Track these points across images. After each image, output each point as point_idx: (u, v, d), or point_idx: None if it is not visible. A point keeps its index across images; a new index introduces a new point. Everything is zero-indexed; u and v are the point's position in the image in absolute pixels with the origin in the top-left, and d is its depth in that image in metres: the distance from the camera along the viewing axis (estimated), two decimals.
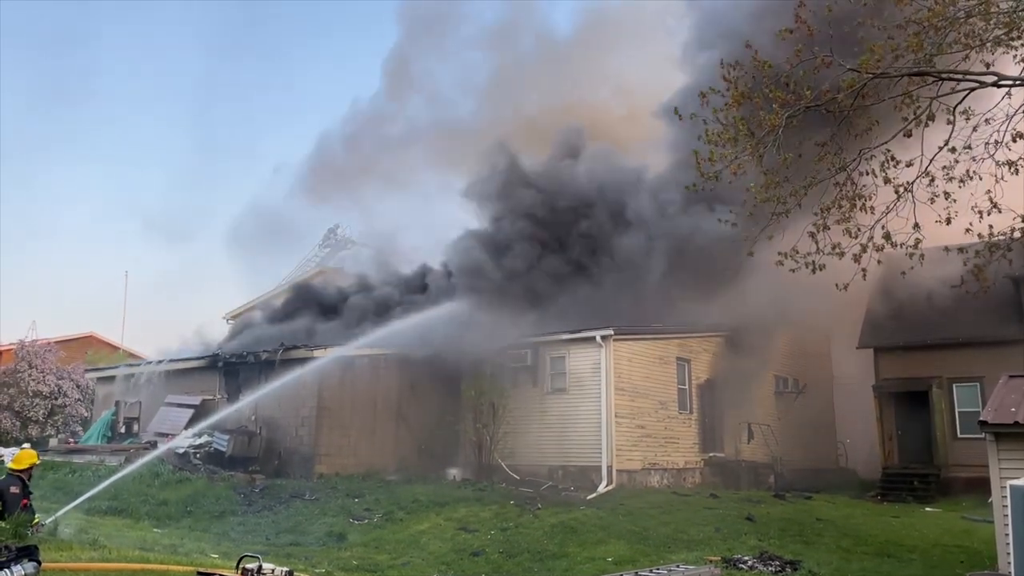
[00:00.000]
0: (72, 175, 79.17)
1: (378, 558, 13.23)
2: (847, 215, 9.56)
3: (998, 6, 9.03)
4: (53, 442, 24.12)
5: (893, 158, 9.51)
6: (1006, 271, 9.56)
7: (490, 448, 20.19)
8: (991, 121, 9.21)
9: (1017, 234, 9.04)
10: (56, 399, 27.10)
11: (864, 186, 9.63)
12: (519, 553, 13.42)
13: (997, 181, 9.28)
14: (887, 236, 9.44)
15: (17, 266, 65.66)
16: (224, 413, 19.82)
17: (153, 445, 20.19)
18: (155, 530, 14.37)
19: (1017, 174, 9.17)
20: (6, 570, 7.27)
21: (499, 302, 20.77)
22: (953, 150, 9.28)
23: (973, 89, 9.25)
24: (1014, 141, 9.04)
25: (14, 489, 9.78)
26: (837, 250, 9.61)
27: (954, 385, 23.23)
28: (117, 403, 24.27)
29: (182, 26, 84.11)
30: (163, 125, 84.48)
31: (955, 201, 9.36)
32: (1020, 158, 9.12)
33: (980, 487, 15.44)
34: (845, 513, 17.77)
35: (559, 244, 23.25)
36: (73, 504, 13.42)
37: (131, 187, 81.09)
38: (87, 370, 27.82)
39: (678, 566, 9.73)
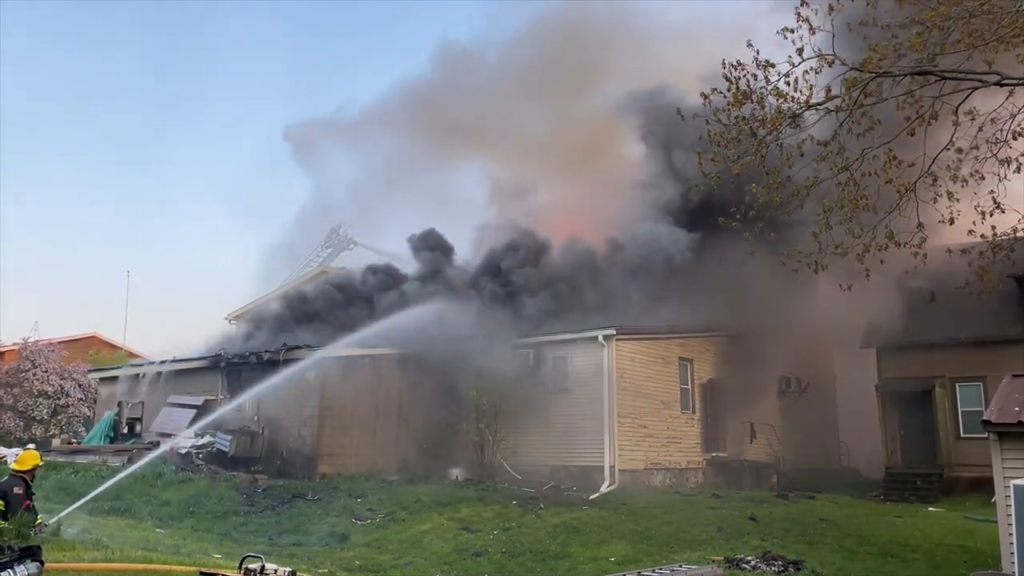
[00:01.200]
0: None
1: (381, 558, 13.24)
2: (849, 215, 9.54)
3: (1001, 6, 9.01)
4: (56, 442, 24.17)
5: (895, 158, 9.49)
6: (1009, 270, 9.50)
7: (492, 448, 20.18)
8: (995, 120, 9.19)
9: (1020, 234, 9.01)
10: (59, 399, 27.16)
11: (866, 186, 9.60)
12: (521, 553, 13.42)
13: (1000, 180, 9.26)
14: (890, 236, 9.42)
15: (17, 266, 65.84)
16: (219, 412, 19.79)
17: (156, 445, 20.22)
18: (158, 530, 14.39)
19: (1019, 171, 9.14)
20: (9, 571, 7.27)
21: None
22: (960, 151, 9.26)
23: (976, 88, 9.22)
24: (1014, 139, 9.01)
25: (17, 490, 9.79)
26: (840, 250, 9.60)
27: (957, 384, 23.18)
28: (120, 403, 24.29)
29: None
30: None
31: (958, 201, 9.35)
32: (1021, 155, 9.10)
33: (983, 487, 15.42)
34: (848, 513, 17.74)
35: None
36: (76, 505, 13.44)
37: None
38: (90, 370, 27.88)
39: (681, 566, 9.73)
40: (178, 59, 79.71)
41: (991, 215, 9.22)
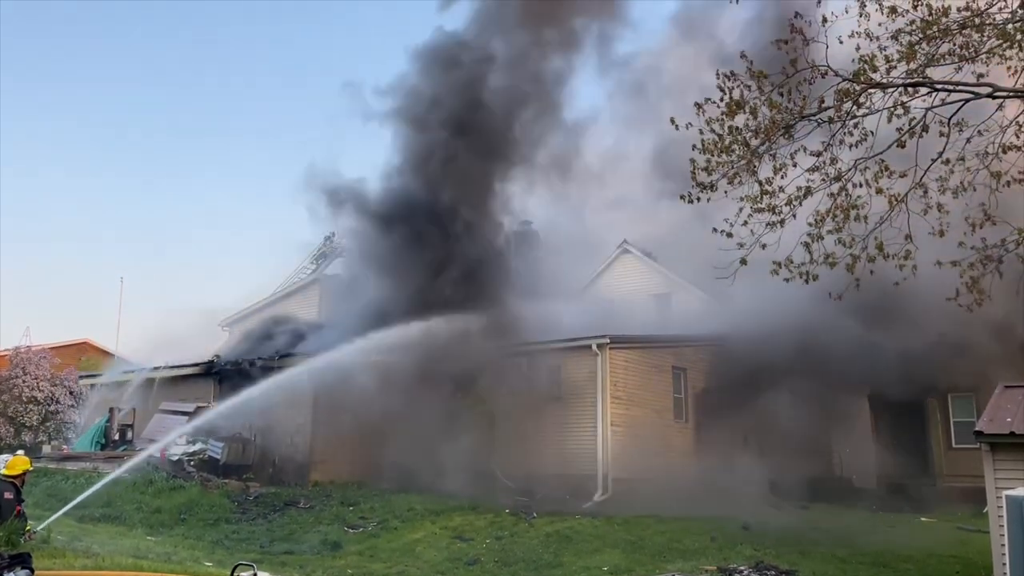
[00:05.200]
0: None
1: (373, 567, 13.20)
2: (841, 225, 9.60)
3: (993, 18, 9.09)
4: (46, 448, 24.04)
5: (887, 168, 9.55)
6: (998, 282, 9.59)
7: (485, 456, 20.13)
8: (982, 133, 9.27)
9: (1011, 246, 9.06)
10: (50, 405, 27.01)
11: (859, 196, 9.67)
12: (514, 562, 13.39)
13: (992, 192, 9.32)
14: (880, 247, 9.47)
15: (12, 270, 65.59)
16: (203, 418, 19.55)
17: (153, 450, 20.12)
18: (149, 538, 14.32)
19: (1008, 186, 9.21)
20: None
21: None
22: (947, 161, 9.34)
23: (967, 100, 9.29)
24: (1004, 152, 9.09)
25: (8, 495, 9.73)
26: (831, 260, 9.64)
27: (949, 395, 23.22)
28: (111, 410, 24.17)
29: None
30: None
31: (948, 213, 9.41)
32: (1008, 170, 9.18)
33: (976, 497, 15.45)
34: (841, 523, 17.75)
35: None
36: (63, 510, 13.35)
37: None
38: (81, 376, 27.75)
39: (674, 575, 9.72)
40: (180, 62, 79.73)
41: (981, 226, 9.28)
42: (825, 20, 9.35)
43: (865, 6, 9.39)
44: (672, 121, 9.83)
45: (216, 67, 79.27)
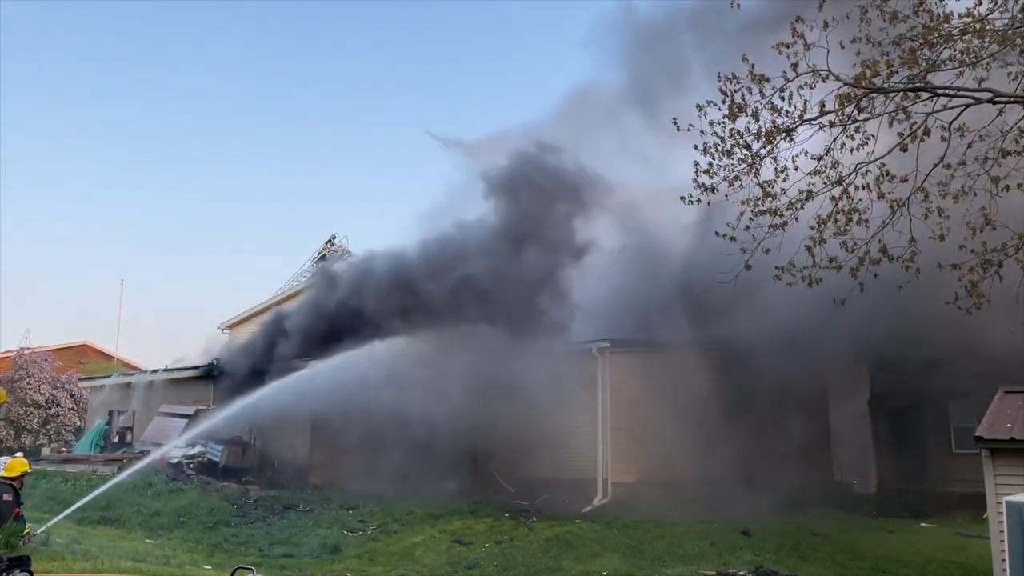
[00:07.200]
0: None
1: (372, 571, 13.18)
2: (843, 229, 9.60)
3: (993, 24, 9.11)
4: (46, 451, 24.06)
5: (888, 173, 9.56)
6: (998, 287, 9.59)
7: (485, 460, 20.10)
8: (984, 138, 9.28)
9: (1011, 250, 9.07)
10: (50, 408, 27.03)
11: (860, 200, 9.68)
12: (514, 566, 13.37)
13: (992, 197, 9.33)
14: (883, 250, 9.47)
15: (10, 273, 65.60)
16: (205, 425, 19.42)
17: (147, 455, 20.11)
18: (148, 541, 14.31)
19: (1008, 191, 9.22)
20: None
21: None
22: (948, 166, 9.35)
23: (968, 105, 9.30)
24: (1003, 157, 9.10)
25: (7, 497, 9.72)
26: (834, 264, 9.65)
27: (949, 400, 23.17)
28: (111, 412, 24.17)
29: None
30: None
31: (948, 217, 9.42)
32: (1007, 175, 9.19)
33: (976, 503, 15.41)
34: (840, 528, 17.74)
35: None
36: (63, 514, 13.35)
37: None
38: (81, 379, 27.77)
39: None
40: (176, 63, 79.86)
41: (981, 230, 9.29)
42: (827, 25, 9.36)
43: (867, 11, 9.40)
44: (674, 122, 9.85)
45: (215, 70, 79.45)
